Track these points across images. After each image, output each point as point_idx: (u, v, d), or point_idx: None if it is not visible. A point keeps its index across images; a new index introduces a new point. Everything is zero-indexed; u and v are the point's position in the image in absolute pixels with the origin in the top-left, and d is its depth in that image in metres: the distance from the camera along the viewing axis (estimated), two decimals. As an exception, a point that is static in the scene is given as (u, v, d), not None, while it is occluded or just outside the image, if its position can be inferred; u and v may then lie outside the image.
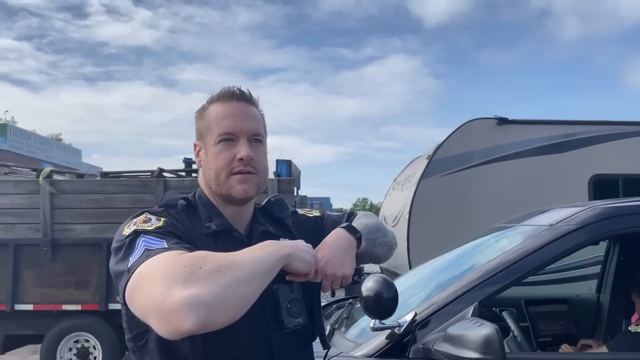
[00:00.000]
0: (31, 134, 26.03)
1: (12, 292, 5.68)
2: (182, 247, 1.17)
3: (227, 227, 1.38)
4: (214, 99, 1.41)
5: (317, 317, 1.45)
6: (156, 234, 1.22)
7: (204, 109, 1.42)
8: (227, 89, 1.40)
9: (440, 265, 2.74)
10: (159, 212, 1.32)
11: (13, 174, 6.82)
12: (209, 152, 1.37)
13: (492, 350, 1.60)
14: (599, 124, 6.69)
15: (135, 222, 1.28)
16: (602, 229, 2.07)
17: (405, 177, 7.59)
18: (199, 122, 1.42)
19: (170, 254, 1.13)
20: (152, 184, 5.87)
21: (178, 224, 1.30)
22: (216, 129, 1.36)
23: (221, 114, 1.37)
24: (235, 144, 1.35)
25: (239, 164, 1.34)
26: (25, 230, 5.78)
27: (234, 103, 1.38)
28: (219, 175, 1.35)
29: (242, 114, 1.38)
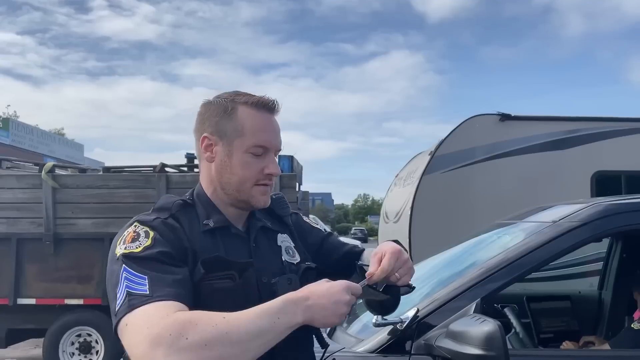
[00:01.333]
0: (33, 128, 26.06)
1: (14, 286, 5.70)
2: (168, 284, 1.16)
3: (225, 224, 1.38)
4: (245, 101, 1.37)
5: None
6: (140, 265, 1.19)
7: (232, 108, 1.37)
8: (263, 98, 1.39)
9: (443, 262, 2.74)
10: (150, 221, 1.29)
11: (15, 168, 6.84)
12: (234, 157, 1.36)
13: (495, 347, 1.60)
14: (602, 120, 6.67)
15: (124, 239, 1.26)
16: (605, 226, 2.06)
17: (407, 173, 7.59)
18: (225, 118, 1.36)
19: (156, 313, 1.11)
20: (154, 179, 5.88)
21: (170, 231, 1.28)
22: (251, 139, 1.35)
23: (258, 125, 1.36)
24: (264, 157, 1.37)
25: (265, 177, 1.37)
26: (28, 225, 5.80)
27: (267, 115, 1.39)
28: (243, 183, 1.36)
29: (275, 129, 1.40)
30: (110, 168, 6.58)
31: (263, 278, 1.35)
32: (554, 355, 2.09)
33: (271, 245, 1.45)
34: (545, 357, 2.02)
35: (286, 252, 1.46)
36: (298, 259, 1.47)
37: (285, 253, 1.45)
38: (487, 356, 1.61)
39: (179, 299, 1.16)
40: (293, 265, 1.44)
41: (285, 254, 1.45)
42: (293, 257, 1.46)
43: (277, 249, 1.45)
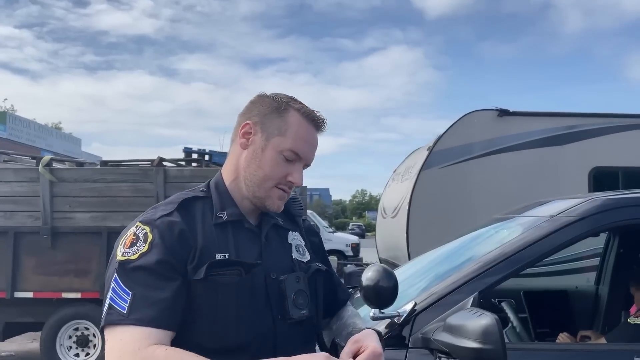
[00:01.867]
0: (31, 122, 25.99)
1: (12, 279, 5.70)
2: (150, 305, 1.18)
3: (239, 218, 1.39)
4: (299, 108, 1.40)
5: (320, 310, 1.47)
6: (130, 277, 1.21)
7: (286, 107, 1.40)
8: (317, 114, 1.43)
9: (440, 256, 2.74)
10: (153, 221, 1.29)
11: (13, 161, 6.82)
12: (267, 152, 1.37)
13: (492, 340, 1.60)
14: (599, 116, 6.68)
15: (124, 242, 1.27)
16: (602, 220, 2.07)
17: (405, 169, 7.59)
18: (274, 114, 1.39)
19: (130, 343, 1.16)
20: (151, 173, 5.87)
21: (172, 231, 1.27)
22: (290, 142, 1.37)
23: (302, 133, 1.39)
24: (293, 165, 1.39)
25: (287, 184, 1.39)
26: (25, 218, 5.79)
27: (313, 129, 1.42)
28: (265, 181, 1.37)
29: (313, 144, 1.43)
30: (107, 162, 6.57)
31: (272, 274, 1.36)
32: (551, 349, 2.09)
33: (282, 242, 1.46)
34: (541, 351, 2.02)
35: (296, 250, 1.47)
36: (308, 257, 1.48)
37: (295, 251, 1.46)
38: (484, 350, 1.62)
39: (156, 324, 1.18)
40: (303, 263, 1.45)
41: (295, 251, 1.46)
42: (303, 256, 1.47)
43: (287, 247, 1.46)
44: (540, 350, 2.03)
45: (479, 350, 1.62)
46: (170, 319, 1.22)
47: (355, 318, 1.54)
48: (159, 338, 1.19)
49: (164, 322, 1.20)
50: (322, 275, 1.47)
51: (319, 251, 1.59)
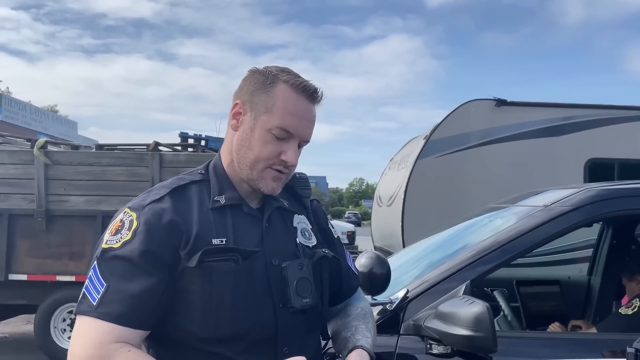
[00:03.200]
0: (27, 104, 25.82)
1: (6, 261, 5.69)
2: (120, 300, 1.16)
3: (237, 202, 1.33)
4: (287, 80, 1.30)
5: (325, 298, 1.40)
6: (108, 267, 1.19)
7: (273, 82, 1.30)
8: (306, 83, 1.31)
9: (434, 244, 2.75)
10: (141, 208, 1.25)
11: (7, 144, 6.78)
12: (256, 132, 1.29)
13: (482, 328, 1.61)
14: (596, 107, 6.68)
15: (110, 229, 1.25)
16: (597, 210, 2.07)
17: (402, 157, 7.59)
18: (261, 90, 1.30)
19: (95, 336, 1.15)
20: (147, 157, 5.84)
21: (160, 218, 1.22)
22: (277, 119, 1.28)
23: (290, 107, 1.29)
24: (286, 142, 1.30)
25: (280, 163, 1.30)
26: (20, 201, 5.77)
27: (306, 102, 1.31)
28: (257, 162, 1.30)
29: (307, 118, 1.32)
30: (103, 145, 6.53)
31: (274, 260, 1.30)
32: (541, 337, 2.10)
33: (286, 226, 1.39)
34: (532, 339, 2.03)
35: (302, 234, 1.40)
36: (314, 242, 1.41)
37: (300, 235, 1.39)
38: (475, 337, 1.63)
39: (122, 321, 1.16)
40: (308, 248, 1.38)
41: (300, 235, 1.39)
42: (309, 240, 1.40)
43: (292, 230, 1.39)
44: (531, 339, 2.04)
45: (470, 337, 1.63)
46: (139, 316, 1.18)
47: (360, 321, 1.44)
48: (124, 335, 1.16)
49: (131, 320, 1.17)
50: (328, 261, 1.40)
51: (327, 234, 1.51)
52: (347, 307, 1.50)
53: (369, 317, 1.47)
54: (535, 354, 1.88)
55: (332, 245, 1.50)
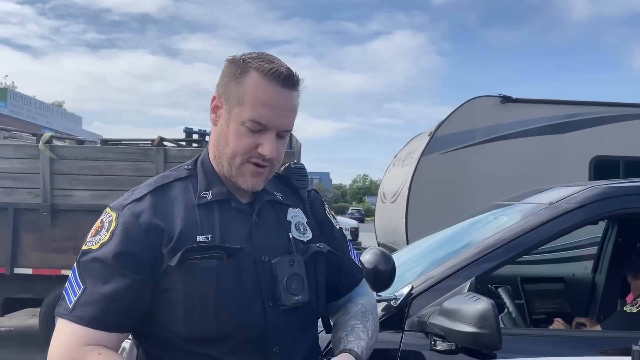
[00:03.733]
0: (32, 99, 25.90)
1: (11, 255, 5.72)
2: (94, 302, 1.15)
3: (225, 197, 1.28)
4: (260, 67, 1.22)
5: (320, 295, 1.34)
6: (86, 269, 1.19)
7: (244, 71, 1.23)
8: (277, 67, 1.23)
9: (438, 241, 2.75)
10: (121, 208, 1.23)
11: (13, 138, 6.80)
12: (231, 126, 1.24)
13: (487, 325, 1.62)
14: (602, 105, 6.64)
15: (92, 229, 1.24)
16: (602, 208, 2.06)
17: (406, 154, 7.58)
18: (232, 82, 1.24)
19: (69, 339, 1.15)
20: (152, 153, 5.86)
21: (138, 218, 1.20)
22: (248, 111, 1.21)
23: (260, 96, 1.21)
24: (262, 135, 1.23)
25: (259, 156, 1.24)
26: (25, 195, 5.79)
27: (279, 88, 1.23)
28: (233, 157, 1.25)
29: (282, 106, 1.24)
30: (108, 140, 6.55)
31: (263, 257, 1.25)
32: (545, 335, 2.10)
33: (279, 220, 1.33)
34: (537, 337, 2.03)
35: (296, 228, 1.34)
36: (310, 236, 1.35)
37: (294, 229, 1.34)
38: (480, 334, 1.63)
39: (95, 324, 1.15)
40: (302, 243, 1.32)
41: (294, 230, 1.34)
42: (304, 234, 1.34)
43: (285, 225, 1.33)
44: (535, 336, 2.04)
45: (475, 334, 1.63)
46: (113, 320, 1.16)
47: (358, 319, 1.38)
48: (97, 339, 1.15)
49: (103, 323, 1.16)
50: (323, 256, 1.34)
51: (326, 227, 1.44)
52: (347, 304, 1.45)
53: (368, 315, 1.41)
54: (539, 352, 1.88)
55: (332, 238, 1.43)
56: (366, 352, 1.31)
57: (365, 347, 1.32)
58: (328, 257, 1.36)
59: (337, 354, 1.27)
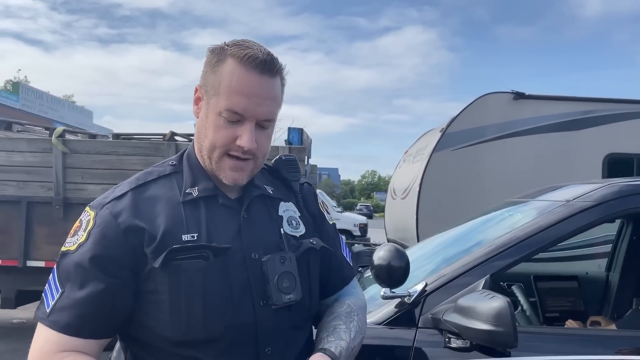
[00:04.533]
0: (43, 93, 26.07)
1: (24, 248, 5.77)
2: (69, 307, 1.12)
3: (212, 193, 1.22)
4: (235, 53, 1.16)
5: (314, 292, 1.31)
6: (64, 272, 1.15)
7: (220, 59, 1.18)
8: (252, 52, 1.16)
9: (451, 238, 2.73)
10: (100, 207, 1.18)
11: (26, 132, 6.86)
12: (209, 117, 1.18)
13: (503, 323, 1.61)
14: (615, 102, 6.57)
15: (71, 229, 1.21)
16: (619, 206, 2.04)
17: (417, 150, 7.54)
18: (210, 71, 1.19)
19: (43, 345, 1.12)
20: (163, 147, 5.88)
21: (116, 218, 1.15)
22: (224, 100, 1.16)
23: (236, 85, 1.15)
24: (240, 125, 1.17)
25: (237, 149, 1.18)
26: (38, 188, 5.84)
27: (255, 75, 1.16)
28: (212, 150, 1.19)
29: (259, 94, 1.17)
30: (119, 135, 6.58)
31: (253, 254, 1.20)
32: (560, 334, 2.09)
33: (270, 216, 1.28)
34: (551, 335, 2.02)
35: (288, 223, 1.29)
36: (302, 230, 1.31)
37: (286, 224, 1.29)
38: (495, 332, 1.62)
39: (70, 331, 1.11)
40: (294, 238, 1.28)
41: (286, 225, 1.29)
42: (296, 229, 1.30)
43: (277, 220, 1.28)
44: (549, 335, 2.02)
45: (490, 332, 1.63)
46: (89, 326, 1.13)
47: (341, 320, 1.31)
48: (73, 345, 1.12)
49: (79, 330, 1.12)
50: (316, 253, 1.29)
51: (318, 221, 1.39)
52: (334, 304, 1.38)
53: (353, 316, 1.34)
54: (553, 350, 1.87)
55: (324, 233, 1.38)
56: (345, 353, 1.24)
57: (345, 348, 1.24)
58: (322, 253, 1.32)
59: (312, 355, 1.20)
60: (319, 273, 1.32)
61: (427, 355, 1.81)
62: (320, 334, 1.29)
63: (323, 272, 1.34)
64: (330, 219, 1.46)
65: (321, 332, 1.30)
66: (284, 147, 5.98)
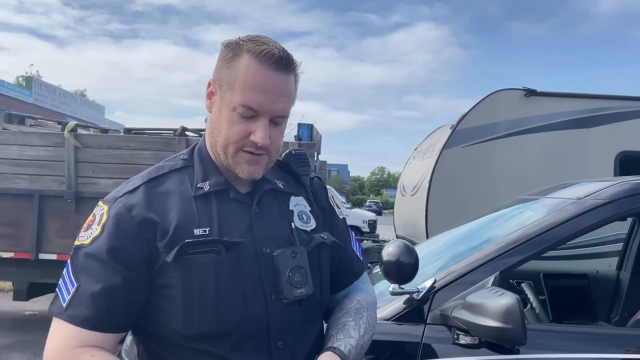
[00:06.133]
0: (56, 88, 26.27)
1: (36, 241, 5.83)
2: (86, 301, 1.11)
3: (223, 187, 1.23)
4: (251, 49, 1.17)
5: (325, 286, 1.31)
6: (79, 266, 1.15)
7: (236, 54, 1.18)
8: (269, 49, 1.17)
9: (461, 235, 2.73)
10: (113, 200, 1.19)
11: (39, 126, 6.92)
12: (223, 112, 1.19)
13: (512, 320, 1.61)
14: (628, 99, 6.50)
15: (85, 223, 1.21)
16: (631, 204, 2.03)
17: (427, 147, 7.52)
18: (225, 66, 1.20)
19: (60, 341, 1.12)
20: (174, 142, 5.91)
21: (130, 212, 1.16)
22: (239, 96, 1.16)
23: (251, 81, 1.15)
24: (254, 121, 1.18)
25: (251, 144, 1.19)
26: (50, 182, 5.89)
27: (271, 72, 1.16)
28: (227, 146, 1.20)
29: (275, 90, 1.17)
30: (131, 130, 6.62)
31: (264, 249, 1.21)
32: (569, 331, 2.08)
33: (281, 210, 1.29)
34: (559, 333, 2.01)
35: (299, 218, 1.30)
36: (313, 225, 1.31)
37: (297, 218, 1.30)
38: (505, 329, 1.62)
39: (89, 325, 1.11)
40: (305, 233, 1.28)
41: (297, 219, 1.29)
42: (307, 224, 1.31)
43: (288, 214, 1.29)
44: (559, 332, 2.02)
45: (499, 329, 1.63)
46: (108, 320, 1.13)
47: (351, 316, 1.32)
48: (91, 339, 1.12)
49: (98, 324, 1.12)
50: (327, 247, 1.30)
51: (328, 215, 1.39)
52: (343, 299, 1.38)
53: (363, 312, 1.34)
54: (562, 348, 1.86)
55: (335, 227, 1.39)
56: (355, 351, 1.24)
57: (355, 345, 1.25)
58: (332, 247, 1.32)
59: (322, 353, 1.20)
60: (329, 267, 1.32)
61: (436, 351, 1.81)
62: (329, 331, 1.30)
63: (333, 266, 1.34)
64: (341, 213, 1.46)
65: (330, 329, 1.30)
66: (294, 143, 5.98)
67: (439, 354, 1.81)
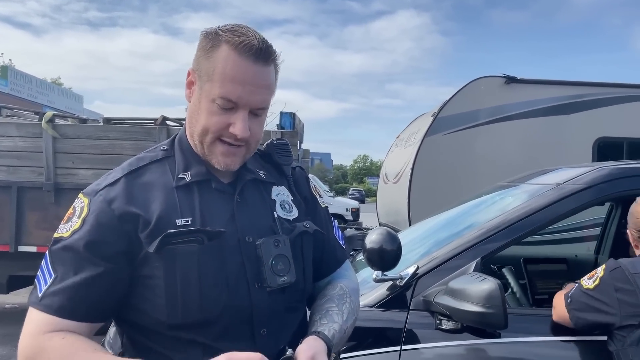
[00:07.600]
0: (32, 77, 25.76)
1: (15, 233, 5.75)
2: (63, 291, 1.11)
3: (205, 177, 1.23)
4: (230, 39, 1.16)
5: (307, 274, 1.32)
6: (57, 257, 1.14)
7: (215, 44, 1.17)
8: (248, 40, 1.15)
9: (442, 222, 2.75)
10: (93, 193, 1.18)
11: (15, 116, 6.78)
12: (202, 103, 1.18)
13: (494, 305, 1.63)
14: (606, 86, 6.60)
15: (64, 219, 1.20)
16: (609, 189, 2.07)
17: (409, 134, 7.55)
18: (204, 56, 1.18)
19: (36, 327, 1.12)
20: (155, 132, 5.84)
21: (110, 205, 1.15)
22: (218, 88, 1.15)
23: (230, 72, 1.14)
24: (234, 113, 1.17)
25: (230, 135, 1.18)
26: (28, 173, 5.79)
27: (250, 63, 1.15)
28: (204, 135, 1.19)
29: (254, 82, 1.16)
30: (110, 119, 6.53)
31: (247, 238, 1.21)
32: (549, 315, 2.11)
33: (263, 200, 1.29)
34: (539, 316, 2.05)
35: (281, 207, 1.30)
36: (295, 214, 1.32)
37: (280, 208, 1.30)
38: (486, 313, 1.65)
39: (63, 314, 1.11)
40: (288, 222, 1.29)
41: (280, 208, 1.30)
42: (289, 213, 1.31)
43: (270, 204, 1.29)
44: (539, 316, 2.06)
45: (481, 313, 1.65)
46: (83, 309, 1.13)
47: (334, 302, 1.32)
48: (64, 326, 1.12)
49: (73, 313, 1.12)
50: (309, 236, 1.31)
51: (310, 204, 1.39)
52: (327, 286, 1.39)
53: (346, 298, 1.35)
54: (542, 331, 1.90)
55: (317, 216, 1.39)
56: (338, 335, 1.25)
57: (338, 330, 1.26)
58: (315, 235, 1.33)
59: (306, 337, 1.20)
60: (312, 256, 1.33)
61: (419, 336, 1.84)
62: (313, 317, 1.30)
63: (316, 254, 1.35)
64: (323, 202, 1.47)
65: (314, 314, 1.31)
66: (276, 131, 5.95)
67: (422, 339, 1.83)
